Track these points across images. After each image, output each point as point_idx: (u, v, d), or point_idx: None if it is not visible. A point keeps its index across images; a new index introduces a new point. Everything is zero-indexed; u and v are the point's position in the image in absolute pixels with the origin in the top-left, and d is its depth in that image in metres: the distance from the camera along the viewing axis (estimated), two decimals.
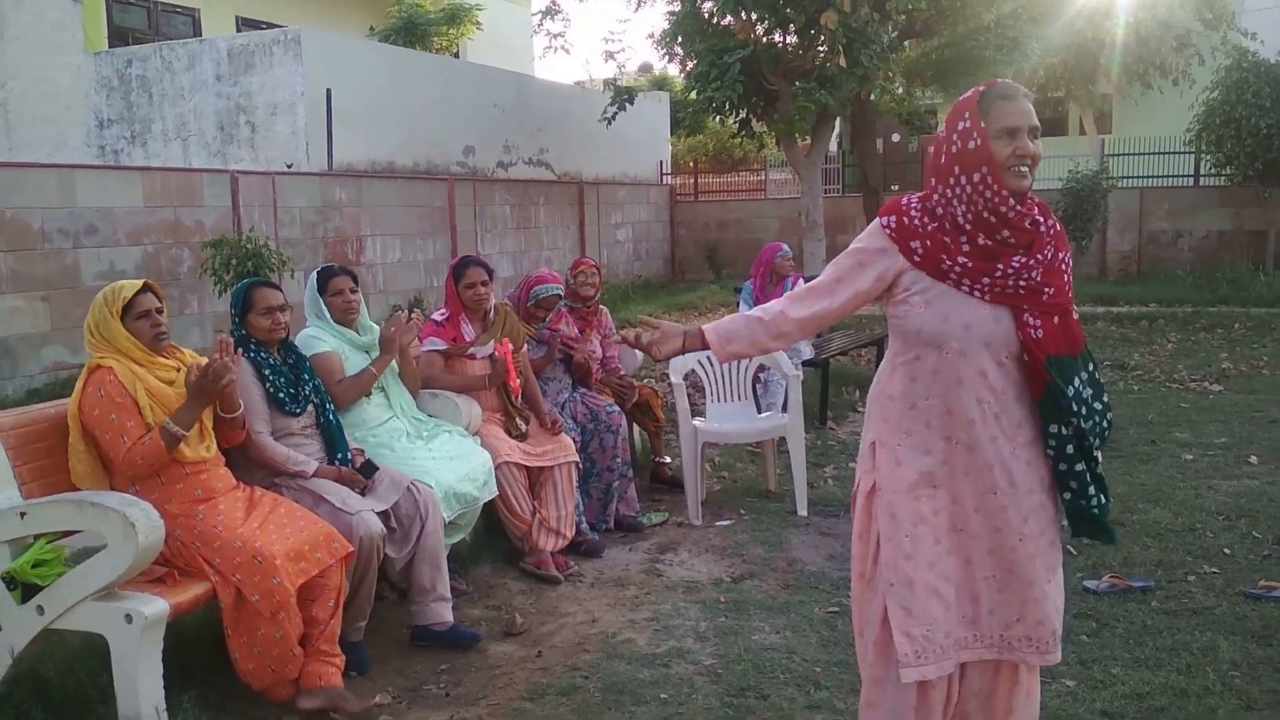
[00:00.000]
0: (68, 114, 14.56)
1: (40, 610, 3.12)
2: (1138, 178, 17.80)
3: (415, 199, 13.73)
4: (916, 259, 2.41)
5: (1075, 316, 2.46)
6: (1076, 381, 2.40)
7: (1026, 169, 2.33)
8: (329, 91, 13.24)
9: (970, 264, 2.36)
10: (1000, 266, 2.36)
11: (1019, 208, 2.35)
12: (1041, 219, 2.43)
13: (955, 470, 2.45)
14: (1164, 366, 9.49)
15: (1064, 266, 2.44)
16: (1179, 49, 20.33)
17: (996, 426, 2.41)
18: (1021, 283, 2.36)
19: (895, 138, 22.99)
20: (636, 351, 6.36)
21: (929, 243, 2.40)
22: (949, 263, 2.38)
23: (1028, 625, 2.47)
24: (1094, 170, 16.00)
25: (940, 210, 2.41)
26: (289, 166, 12.80)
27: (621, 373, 5.96)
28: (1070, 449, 2.40)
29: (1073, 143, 23.49)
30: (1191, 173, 17.25)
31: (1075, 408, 2.38)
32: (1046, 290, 2.38)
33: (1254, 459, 6.18)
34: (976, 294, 2.37)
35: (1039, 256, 2.38)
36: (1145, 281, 15.61)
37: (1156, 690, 3.35)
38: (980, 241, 2.36)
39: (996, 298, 2.37)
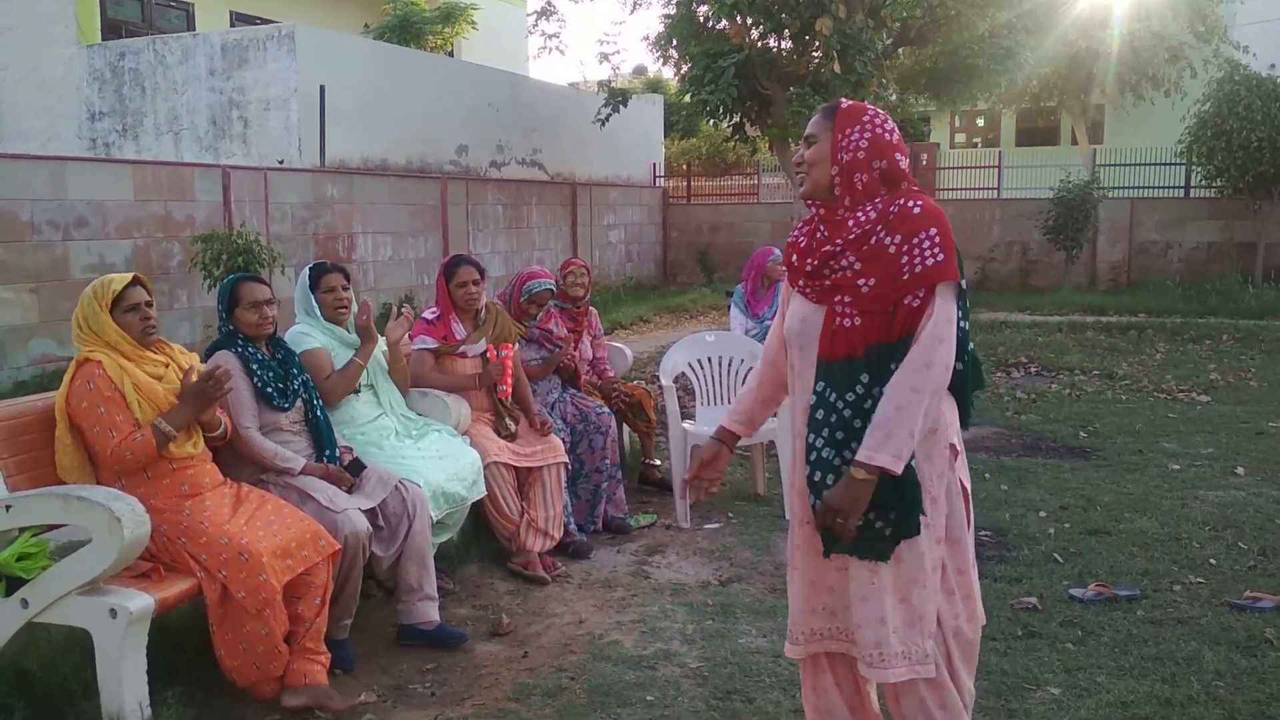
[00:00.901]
0: (60, 106, 14.51)
1: (24, 604, 3.10)
2: (1128, 188, 17.89)
3: (408, 197, 13.72)
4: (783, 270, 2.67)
5: (926, 304, 2.35)
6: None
7: (800, 176, 2.56)
8: (322, 88, 13.22)
9: (796, 262, 2.54)
10: (812, 262, 2.48)
11: (824, 202, 2.51)
12: (871, 206, 2.43)
13: (799, 464, 2.53)
14: (1152, 376, 9.52)
15: (905, 248, 2.36)
16: (1171, 60, 20.46)
17: None
18: (828, 280, 2.45)
19: None
20: (626, 351, 6.40)
21: (788, 252, 2.61)
22: (787, 270, 2.60)
23: (856, 627, 2.48)
24: (1085, 180, 16.09)
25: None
26: (281, 162, 12.77)
27: (610, 374, 5.96)
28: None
29: (1064, 152, 23.62)
30: (1182, 184, 17.34)
31: (815, 412, 2.44)
32: (863, 282, 2.39)
33: (1241, 470, 6.20)
34: (804, 294, 2.53)
35: (839, 241, 2.44)
36: (1135, 291, 15.68)
37: (1141, 699, 3.35)
38: (817, 235, 2.52)
39: (818, 296, 2.48)
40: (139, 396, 3.34)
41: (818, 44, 12.94)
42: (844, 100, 2.54)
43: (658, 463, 6.13)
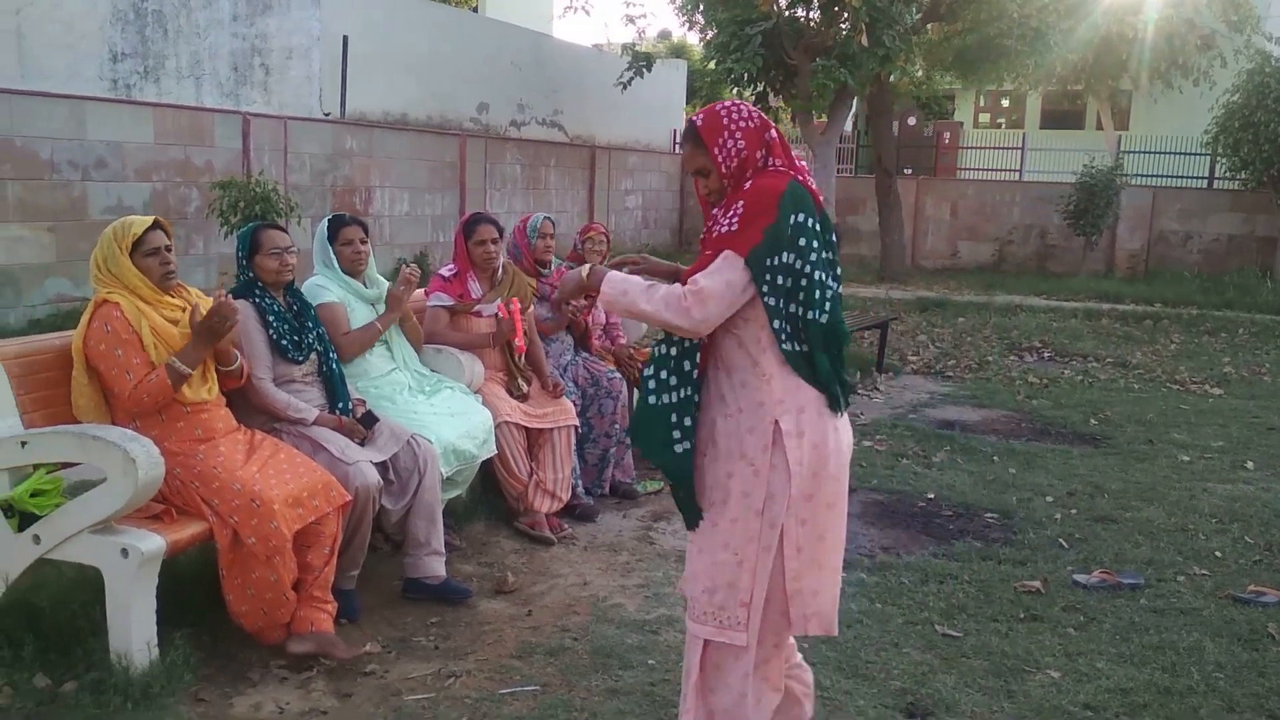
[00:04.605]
0: (82, 45, 14.42)
1: (36, 540, 3.13)
2: (1151, 176, 17.74)
3: (426, 153, 13.67)
4: None
5: (707, 262, 2.53)
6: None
7: (711, 201, 2.69)
8: (345, 38, 13.15)
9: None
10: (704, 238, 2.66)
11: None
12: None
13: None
14: (1165, 367, 9.49)
15: (726, 219, 2.54)
16: (1202, 49, 20.20)
17: None
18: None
19: (911, 121, 22.88)
20: (640, 321, 6.38)
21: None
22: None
23: (684, 578, 2.71)
24: (1109, 166, 15.94)
25: None
26: (328, 115, 12.71)
27: (622, 340, 5.94)
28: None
29: (1089, 137, 23.42)
30: (1206, 175, 17.18)
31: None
32: (708, 254, 2.59)
33: (1250, 464, 6.19)
34: None
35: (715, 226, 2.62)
36: (1152, 281, 15.58)
37: (1140, 687, 3.37)
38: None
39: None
40: (156, 340, 3.35)
41: (846, 15, 12.81)
42: (695, 117, 2.64)
43: None
